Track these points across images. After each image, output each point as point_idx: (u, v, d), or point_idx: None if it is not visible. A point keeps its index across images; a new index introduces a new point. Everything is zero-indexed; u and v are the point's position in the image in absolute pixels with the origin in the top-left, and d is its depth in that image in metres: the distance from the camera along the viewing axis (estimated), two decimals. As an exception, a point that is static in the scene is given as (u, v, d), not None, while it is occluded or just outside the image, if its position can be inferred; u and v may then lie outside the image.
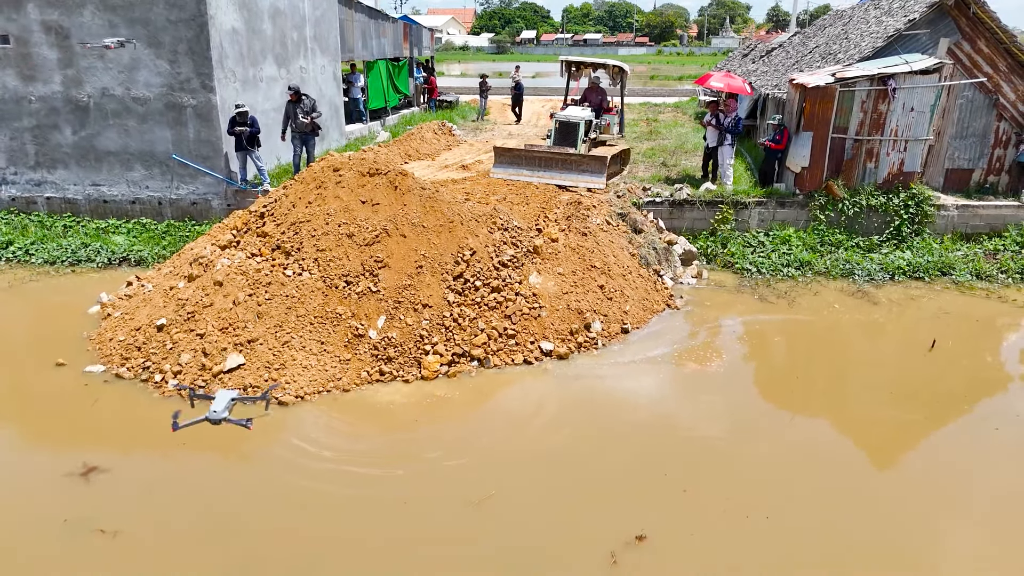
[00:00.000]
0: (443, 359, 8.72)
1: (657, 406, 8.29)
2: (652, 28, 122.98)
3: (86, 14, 12.78)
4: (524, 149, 14.02)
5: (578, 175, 13.32)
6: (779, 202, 13.35)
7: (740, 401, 8.41)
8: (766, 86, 18.18)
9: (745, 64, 25.40)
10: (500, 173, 13.89)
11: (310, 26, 16.95)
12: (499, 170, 13.94)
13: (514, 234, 10.44)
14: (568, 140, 13.86)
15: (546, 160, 13.60)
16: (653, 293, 11.00)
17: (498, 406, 8.25)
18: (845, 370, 9.28)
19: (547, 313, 9.56)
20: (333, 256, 9.43)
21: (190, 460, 7.04)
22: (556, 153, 13.56)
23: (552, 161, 13.55)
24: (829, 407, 8.31)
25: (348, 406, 7.97)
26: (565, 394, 8.46)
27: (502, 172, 13.88)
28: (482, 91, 26.16)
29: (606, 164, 13.36)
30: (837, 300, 11.38)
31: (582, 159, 13.43)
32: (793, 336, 10.27)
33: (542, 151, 13.74)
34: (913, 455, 7.53)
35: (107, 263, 12.40)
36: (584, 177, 13.28)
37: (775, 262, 12.52)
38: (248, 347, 8.43)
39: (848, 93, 12.80)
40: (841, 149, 13.15)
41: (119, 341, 8.94)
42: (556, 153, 13.56)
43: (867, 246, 12.97)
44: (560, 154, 13.51)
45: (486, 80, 26.57)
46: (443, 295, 9.31)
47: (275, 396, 7.88)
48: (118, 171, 13.70)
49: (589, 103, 15.39)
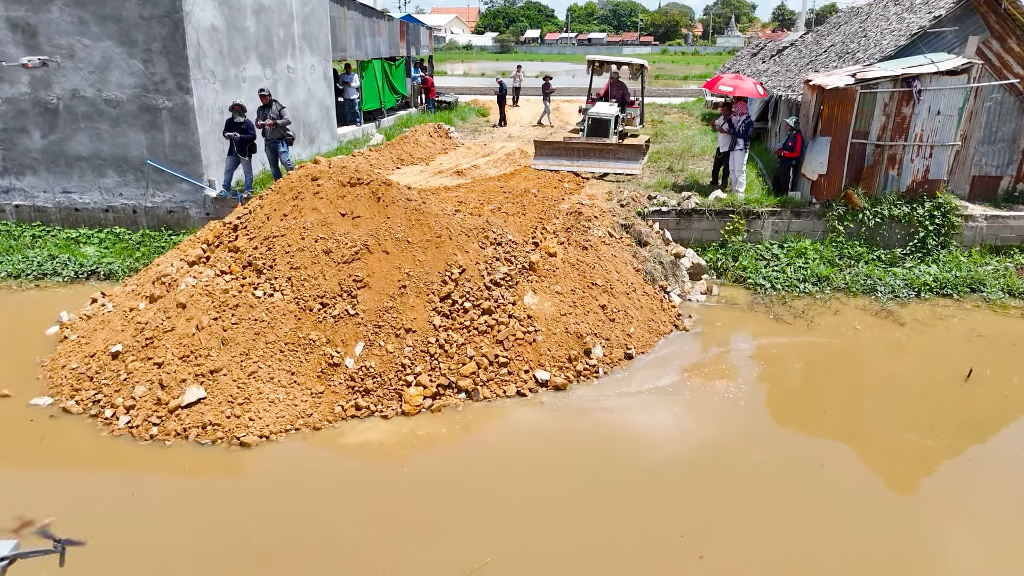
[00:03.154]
0: (427, 391, 7.87)
1: (672, 447, 7.38)
2: (657, 27, 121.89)
3: (54, 10, 11.96)
4: (563, 141, 15.10)
5: (615, 162, 14.33)
6: (794, 212, 12.46)
7: (762, 440, 7.51)
8: (778, 87, 17.27)
9: (754, 64, 24.46)
10: (541, 164, 14.68)
11: (298, 23, 16.11)
12: (540, 162, 14.75)
13: (508, 249, 9.59)
14: (600, 134, 15.30)
15: (584, 150, 14.54)
16: (659, 312, 10.13)
17: (491, 447, 7.37)
18: (877, 404, 8.35)
19: (543, 338, 8.70)
20: (308, 275, 8.60)
21: (136, 515, 6.21)
22: (594, 143, 14.61)
23: (590, 151, 14.52)
24: (865, 451, 7.39)
25: (318, 447, 7.12)
26: (568, 432, 7.58)
27: (543, 163, 14.68)
28: (545, 94, 24.03)
29: (641, 151, 14.47)
30: (859, 320, 10.49)
31: (618, 147, 14.50)
32: (814, 362, 9.37)
33: (580, 142, 14.78)
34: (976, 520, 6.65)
35: (74, 277, 11.58)
36: (621, 164, 14.29)
37: (790, 277, 11.63)
38: (210, 378, 7.59)
39: (869, 95, 11.89)
40: (861, 155, 12.25)
41: (71, 369, 8.12)
42: (594, 143, 14.61)
43: (889, 259, 12.07)
44: (597, 144, 14.56)
45: (550, 82, 24.27)
46: (428, 318, 8.47)
47: (236, 436, 7.03)
48: (90, 177, 12.88)
49: (613, 97, 16.66)
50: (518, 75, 29.56)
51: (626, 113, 16.47)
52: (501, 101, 23.93)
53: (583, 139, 14.94)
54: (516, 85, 29.53)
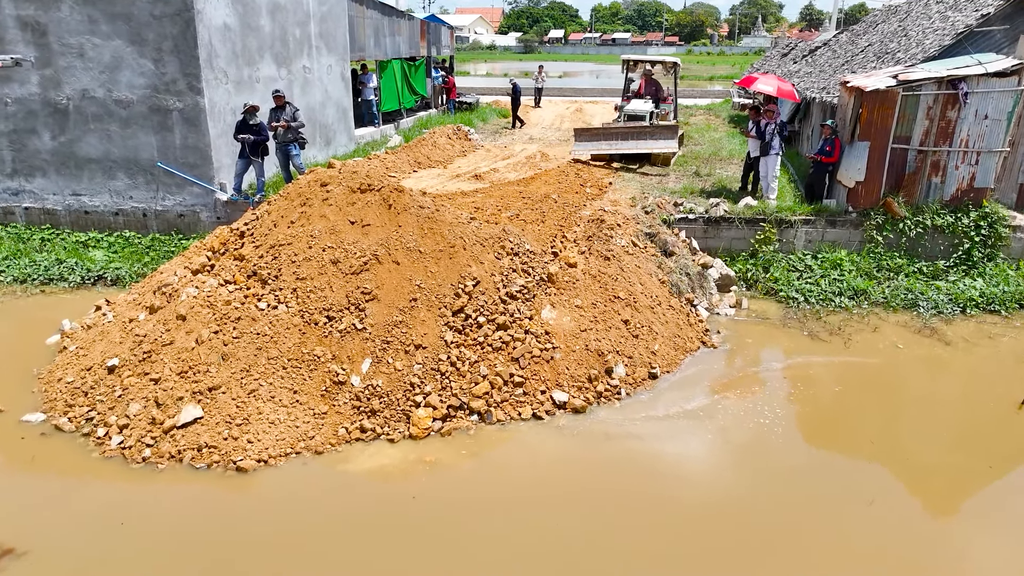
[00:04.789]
0: (437, 412, 7.38)
1: (707, 481, 6.77)
2: (682, 27, 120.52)
3: (64, 9, 11.68)
4: (601, 127, 16.36)
5: (652, 141, 15.04)
6: (829, 220, 11.79)
7: (803, 473, 6.86)
8: (811, 89, 16.54)
9: (785, 64, 23.66)
10: (581, 148, 15.47)
11: (315, 22, 15.74)
12: (580, 147, 15.52)
13: (526, 259, 9.07)
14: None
15: (622, 133, 15.33)
16: (686, 328, 9.54)
17: (505, 477, 6.82)
18: (925, 432, 7.65)
19: (561, 355, 8.17)
20: (314, 286, 8.15)
21: (124, 547, 5.79)
22: (631, 127, 15.46)
23: (628, 133, 15.29)
24: (916, 486, 6.73)
25: (320, 474, 6.66)
26: (590, 460, 7.00)
27: (583, 148, 15.47)
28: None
29: (676, 131, 15.37)
30: (900, 337, 9.82)
31: (655, 128, 15.30)
32: (853, 384, 8.70)
33: (618, 126, 15.77)
34: None
35: (81, 282, 11.27)
36: (659, 143, 15.04)
37: (825, 290, 10.97)
38: (208, 396, 7.18)
39: (912, 98, 11.19)
40: (902, 161, 11.55)
41: (67, 383, 7.76)
42: (631, 127, 15.46)
43: (931, 272, 11.36)
44: (634, 127, 15.40)
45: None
46: (440, 333, 7.98)
47: (233, 460, 6.61)
48: (100, 180, 12.59)
49: (647, 94, 17.48)
50: (540, 75, 29.01)
51: (660, 109, 17.24)
52: (515, 103, 23.20)
53: (620, 123, 15.95)
54: (539, 86, 29.00)
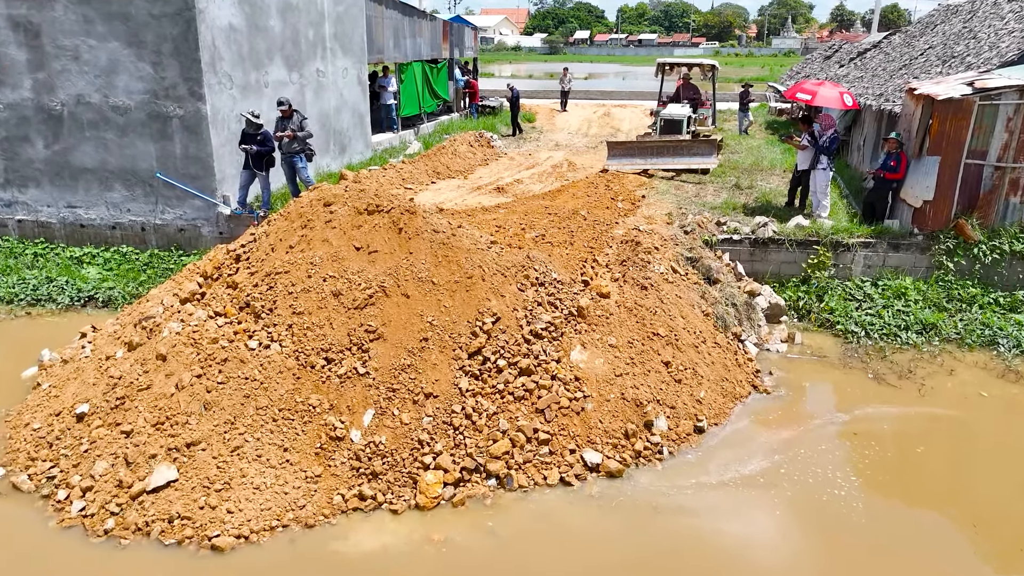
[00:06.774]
0: (448, 476, 6.33)
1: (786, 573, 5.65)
2: (710, 28, 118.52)
3: (58, 8, 10.86)
4: (636, 141, 15.38)
5: (690, 157, 14.16)
6: (892, 244, 10.55)
7: (896, 565, 5.71)
8: (864, 95, 15.24)
9: (829, 68, 22.29)
10: (615, 164, 14.43)
11: (330, 23, 14.81)
12: (613, 162, 14.50)
13: (553, 291, 7.99)
14: (673, 134, 15.37)
15: (658, 148, 14.43)
16: (734, 369, 8.40)
17: (533, 565, 5.65)
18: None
19: (593, 406, 7.08)
20: (312, 323, 7.16)
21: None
22: (667, 141, 14.48)
23: (663, 148, 14.37)
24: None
25: (308, 556, 5.63)
26: (639, 544, 5.85)
27: (616, 164, 14.43)
28: (743, 104, 21.05)
29: (716, 145, 14.33)
30: (982, 383, 8.57)
31: (692, 143, 14.39)
32: (938, 443, 7.41)
33: (653, 140, 14.83)
34: None
35: (70, 303, 10.43)
36: (696, 159, 14.15)
37: (888, 323, 9.75)
38: (185, 454, 6.20)
39: (990, 108, 9.92)
40: (977, 179, 10.27)
41: (32, 431, 6.85)
42: (667, 141, 14.48)
43: (1009, 303, 10.07)
44: (671, 141, 14.43)
45: (749, 90, 21.28)
46: (454, 380, 6.94)
47: (207, 536, 5.62)
48: (96, 191, 11.76)
49: (684, 98, 16.83)
50: (566, 78, 27.92)
51: (698, 114, 16.60)
52: (514, 109, 21.86)
53: (656, 137, 15.02)
54: (565, 89, 27.93)
